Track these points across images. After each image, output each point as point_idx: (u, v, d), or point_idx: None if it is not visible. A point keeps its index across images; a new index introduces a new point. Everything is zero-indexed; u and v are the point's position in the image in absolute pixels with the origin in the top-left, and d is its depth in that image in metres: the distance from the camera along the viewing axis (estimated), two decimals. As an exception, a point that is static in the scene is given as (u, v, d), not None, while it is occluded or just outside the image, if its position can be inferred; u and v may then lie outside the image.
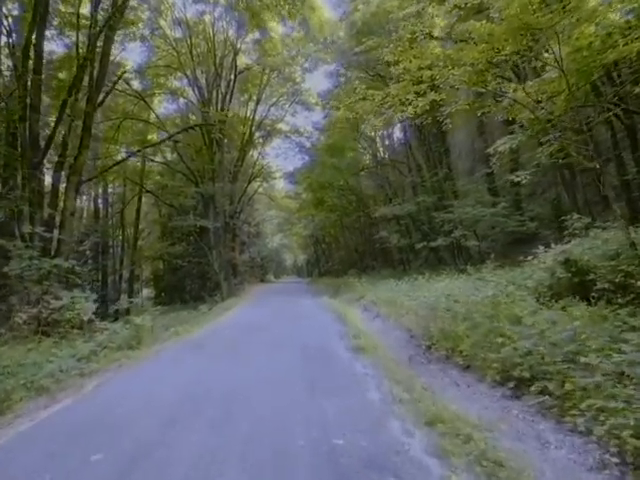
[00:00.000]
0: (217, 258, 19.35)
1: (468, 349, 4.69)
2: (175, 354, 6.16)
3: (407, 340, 6.79)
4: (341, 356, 5.40)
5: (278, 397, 3.83)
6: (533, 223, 16.10)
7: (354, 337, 6.32)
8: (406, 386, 3.84)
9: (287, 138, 26.18)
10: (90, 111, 10.36)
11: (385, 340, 7.03)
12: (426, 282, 11.92)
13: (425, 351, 5.62)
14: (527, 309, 5.49)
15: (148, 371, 5.16)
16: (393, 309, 9.47)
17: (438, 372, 4.80)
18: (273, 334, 7.64)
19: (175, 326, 9.04)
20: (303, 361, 5.26)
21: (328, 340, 6.59)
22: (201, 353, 6.05)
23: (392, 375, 4.25)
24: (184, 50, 19.91)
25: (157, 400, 3.83)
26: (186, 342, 7.08)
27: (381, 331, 8.04)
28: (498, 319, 4.86)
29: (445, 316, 6.50)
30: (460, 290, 9.09)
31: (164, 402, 3.77)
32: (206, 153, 19.38)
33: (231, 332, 8.08)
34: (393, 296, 10.97)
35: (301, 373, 4.65)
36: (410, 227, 22.15)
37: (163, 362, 5.67)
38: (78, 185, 10.60)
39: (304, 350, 5.90)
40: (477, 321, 5.17)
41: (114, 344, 6.23)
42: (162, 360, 5.80)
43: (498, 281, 9.46)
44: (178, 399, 3.83)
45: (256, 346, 6.49)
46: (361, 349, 5.52)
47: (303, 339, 6.86)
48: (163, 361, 5.73)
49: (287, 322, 9.43)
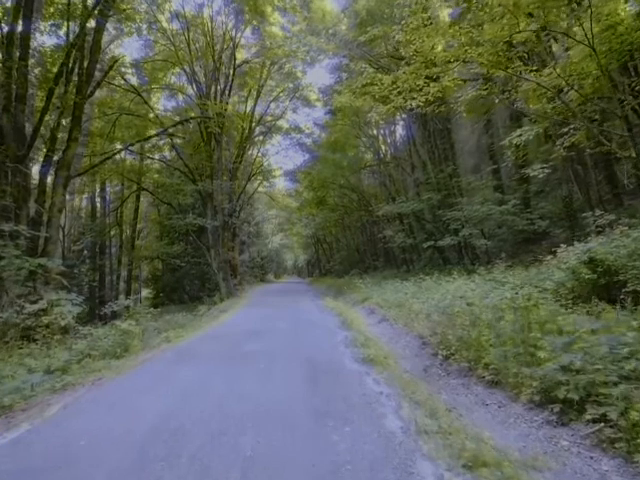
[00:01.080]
0: (215, 258, 18.76)
1: (495, 361, 4.09)
2: (160, 367, 5.44)
3: (419, 347, 6.19)
4: (349, 370, 4.77)
5: (276, 435, 3.03)
6: (544, 221, 15.47)
7: (362, 345, 5.72)
8: (429, 409, 3.24)
9: (288, 135, 25.59)
10: (79, 102, 9.78)
11: (395, 347, 6.44)
12: (434, 283, 11.32)
13: (442, 362, 5.02)
14: (557, 314, 4.90)
15: (125, 390, 4.44)
16: (401, 312, 8.88)
17: (460, 387, 4.19)
18: (272, 342, 6.99)
19: (168, 330, 8.45)
20: (306, 378, 4.56)
21: (333, 349, 5.96)
22: (189, 367, 5.31)
23: (410, 394, 3.64)
24: (182, 45, 19.35)
25: (123, 438, 3.01)
26: (175, 351, 6.37)
27: (389, 337, 7.44)
28: (528, 326, 4.26)
29: (463, 322, 5.91)
30: (473, 292, 8.49)
31: (131, 442, 2.96)
32: (204, 150, 18.79)
33: (225, 340, 7.38)
34: (400, 298, 10.37)
35: (305, 395, 3.93)
36: (413, 226, 21.56)
37: (145, 378, 4.98)
38: (67, 180, 10.02)
39: (307, 363, 5.24)
40: (502, 328, 4.57)
41: (97, 352, 5.65)
42: (144, 375, 5.12)
43: (513, 282, 8.89)
44: (150, 439, 3.00)
45: (252, 358, 5.74)
46: (371, 360, 4.91)
47: (305, 349, 6.23)
48: (145, 376, 5.05)
49: (287, 327, 8.76)
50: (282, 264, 67.79)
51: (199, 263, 24.56)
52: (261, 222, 39.58)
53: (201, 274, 25.99)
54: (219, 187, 18.36)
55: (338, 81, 22.12)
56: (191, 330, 8.50)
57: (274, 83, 22.96)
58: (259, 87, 21.09)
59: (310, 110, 25.68)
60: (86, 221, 27.82)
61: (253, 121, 22.15)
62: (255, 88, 21.21)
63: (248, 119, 21.86)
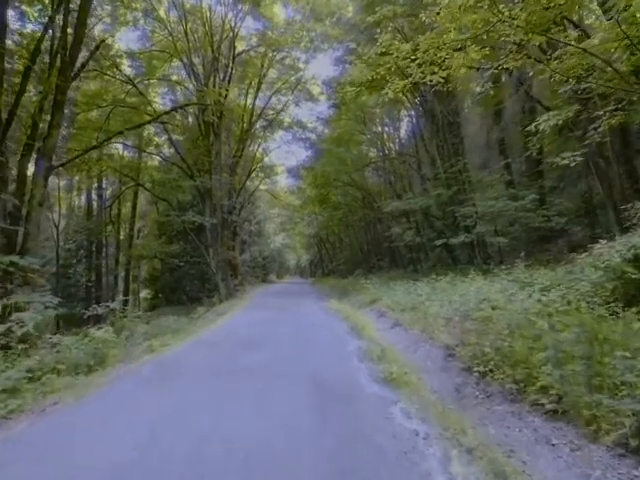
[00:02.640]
0: (214, 257, 17.90)
1: (556, 385, 3.20)
2: (132, 387, 4.53)
3: (444, 359, 5.30)
4: (368, 394, 3.83)
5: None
6: (562, 218, 14.54)
7: (378, 359, 4.81)
8: (487, 461, 2.34)
9: (290, 130, 24.69)
10: (62, 84, 8.93)
11: (414, 359, 5.54)
12: (448, 284, 10.40)
13: (479, 380, 4.13)
14: (619, 324, 4.01)
15: (76, 425, 3.43)
16: (416, 316, 7.98)
17: (510, 417, 3.30)
18: (272, 353, 6.09)
19: (157, 336, 7.58)
20: (314, 407, 3.63)
21: (345, 363, 5.04)
22: (167, 388, 4.39)
23: (455, 434, 2.74)
24: (180, 36, 18.53)
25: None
26: (157, 364, 5.44)
27: (405, 345, 6.55)
28: (597, 339, 3.37)
29: (500, 329, 5.03)
30: (497, 294, 7.59)
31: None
32: (202, 144, 17.93)
33: (218, 349, 6.48)
34: (413, 300, 9.47)
35: (312, 436, 2.99)
36: (421, 224, 20.68)
37: (107, 405, 3.94)
38: (48, 171, 9.16)
39: (314, 383, 4.29)
40: (558, 340, 3.68)
41: (65, 365, 4.78)
42: (108, 400, 4.12)
43: (541, 283, 7.99)
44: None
45: (246, 376, 4.74)
46: (392, 380, 4.00)
47: (311, 362, 5.30)
48: (108, 403, 4.02)
49: (290, 333, 7.83)
50: (284, 264, 66.90)
51: (199, 263, 23.74)
52: (263, 221, 38.68)
53: (201, 274, 25.16)
54: (218, 183, 17.48)
55: (343, 73, 21.30)
56: (182, 336, 7.60)
57: (276, 75, 22.09)
58: (260, 78, 20.17)
59: (313, 105, 24.81)
60: (82, 219, 26.99)
61: (254, 114, 21.27)
62: (255, 80, 20.32)
63: (249, 112, 21.00)
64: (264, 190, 32.30)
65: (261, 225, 38.56)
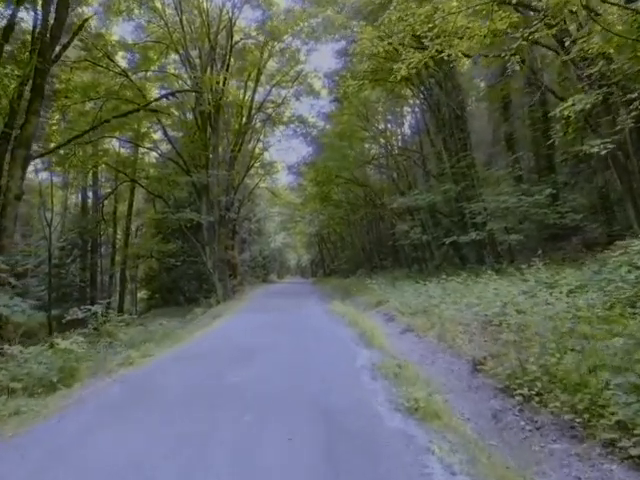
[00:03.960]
0: (211, 256, 17.12)
1: (637, 420, 2.42)
2: (89, 420, 3.54)
3: (469, 373, 4.52)
4: (391, 431, 3.00)
5: None
6: (578, 215, 13.75)
7: (396, 377, 3.99)
8: None
9: (290, 126, 23.86)
10: (41, 67, 8.18)
11: (432, 372, 4.76)
12: (461, 284, 9.60)
13: (522, 405, 3.35)
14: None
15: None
16: (429, 321, 7.21)
17: (577, 463, 2.51)
18: (267, 368, 5.18)
19: (142, 342, 6.81)
20: (322, 454, 2.73)
21: (356, 383, 4.20)
22: (130, 423, 3.43)
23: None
24: (176, 26, 17.77)
25: None
26: (129, 384, 4.63)
27: (420, 355, 5.77)
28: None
29: (531, 337, 4.26)
30: (520, 296, 6.81)
31: None
32: (199, 138, 17.16)
33: (204, 362, 5.56)
34: (423, 302, 8.69)
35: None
36: (425, 222, 19.90)
37: (46, 448, 3.01)
38: (26, 161, 8.40)
39: (319, 413, 3.46)
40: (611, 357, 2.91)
41: (20, 384, 4.00)
42: (54, 436, 3.23)
43: (567, 284, 7.21)
44: None
45: (234, 401, 3.82)
46: (418, 409, 3.19)
47: (315, 383, 4.34)
48: (51, 443, 3.10)
49: (290, 342, 6.97)
50: (285, 264, 66.14)
51: (196, 262, 22.99)
52: (263, 219, 37.89)
53: (199, 274, 24.43)
54: (215, 178, 16.69)
55: (345, 66, 20.55)
56: (169, 344, 6.80)
57: (276, 67, 21.28)
58: (259, 67, 19.34)
59: (314, 100, 23.99)
60: (76, 217, 26.24)
61: (253, 107, 20.45)
62: (254, 72, 19.50)
63: (247, 105, 20.19)
64: (264, 188, 31.51)
65: (261, 224, 37.79)
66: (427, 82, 18.89)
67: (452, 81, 18.54)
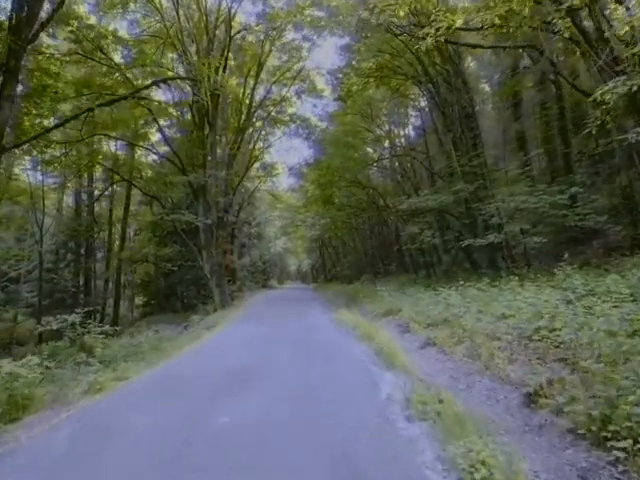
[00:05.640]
0: (208, 260, 16.19)
1: None
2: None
3: (522, 404, 3.57)
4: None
5: None
6: (601, 217, 12.83)
7: (438, 416, 3.02)
8: None
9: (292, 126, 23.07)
10: (16, 47, 7.34)
11: (474, 400, 3.81)
12: (481, 292, 8.65)
13: (624, 463, 2.40)
14: None
15: None
16: (453, 334, 6.26)
17: None
18: (263, 404, 4.00)
19: (123, 358, 5.86)
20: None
21: (387, 429, 3.15)
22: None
23: None
24: (173, 21, 17.02)
25: None
26: (86, 422, 3.63)
27: (450, 376, 4.81)
28: None
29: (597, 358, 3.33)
30: (559, 307, 5.86)
31: None
32: (196, 136, 16.31)
33: (186, 393, 4.46)
34: (442, 312, 7.73)
35: None
36: (432, 224, 19.00)
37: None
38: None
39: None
40: None
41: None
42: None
43: (612, 291, 6.28)
44: None
45: (218, 461, 2.81)
46: (484, 478, 2.22)
47: (330, 427, 3.23)
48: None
49: (293, 363, 5.89)
50: (285, 269, 65.19)
51: (194, 267, 22.08)
52: (263, 223, 36.99)
53: (196, 279, 23.49)
54: (213, 178, 15.81)
55: (348, 64, 19.82)
56: (151, 362, 5.81)
57: (277, 63, 20.47)
58: (260, 62, 18.50)
59: (317, 100, 23.18)
60: (70, 219, 25.32)
61: (253, 104, 19.61)
62: (254, 68, 18.68)
63: (247, 101, 19.35)
64: (264, 190, 30.67)
65: (261, 227, 36.92)
66: (435, 80, 18.11)
67: (461, 77, 17.81)
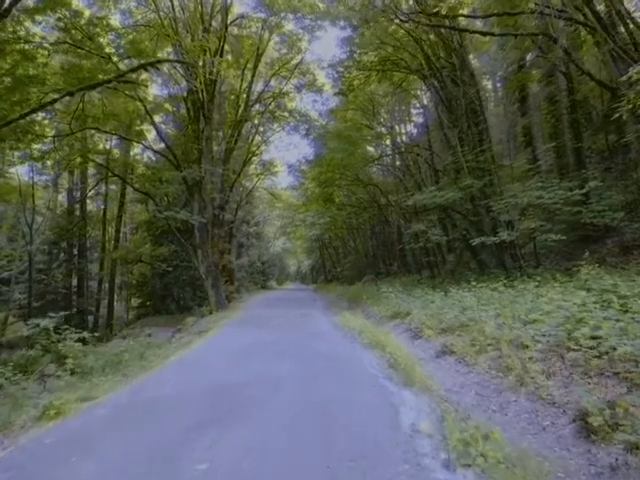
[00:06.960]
0: (203, 260, 15.44)
1: None
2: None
3: (577, 434, 2.85)
4: None
5: None
6: (618, 214, 12.13)
7: (485, 460, 2.30)
8: None
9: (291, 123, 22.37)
10: (-16, 23, 6.63)
11: (515, 429, 3.09)
12: (497, 292, 7.91)
13: None
14: None
15: None
16: (473, 341, 5.52)
17: None
18: (255, 442, 3.11)
19: (99, 370, 5.13)
20: None
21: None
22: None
23: None
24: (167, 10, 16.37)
25: None
26: (19, 469, 2.90)
27: (477, 393, 4.08)
28: None
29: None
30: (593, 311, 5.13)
31: None
32: (191, 129, 15.58)
33: (158, 424, 3.58)
34: (457, 315, 6.99)
35: None
36: (436, 222, 18.32)
37: None
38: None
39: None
40: None
41: None
42: None
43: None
44: None
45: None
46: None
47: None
48: None
49: (292, 379, 4.98)
50: (285, 270, 64.43)
51: (190, 268, 21.36)
52: (262, 223, 36.27)
53: (192, 280, 22.79)
54: (209, 173, 15.07)
55: (349, 56, 19.18)
56: (128, 376, 5.06)
57: (276, 56, 19.75)
58: (258, 50, 17.78)
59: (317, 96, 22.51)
60: (61, 218, 24.55)
61: (250, 96, 18.90)
62: (252, 58, 17.97)
63: (245, 93, 18.63)
64: (263, 189, 29.95)
65: (260, 227, 36.21)
66: (439, 73, 17.43)
67: (468, 70, 17.17)
